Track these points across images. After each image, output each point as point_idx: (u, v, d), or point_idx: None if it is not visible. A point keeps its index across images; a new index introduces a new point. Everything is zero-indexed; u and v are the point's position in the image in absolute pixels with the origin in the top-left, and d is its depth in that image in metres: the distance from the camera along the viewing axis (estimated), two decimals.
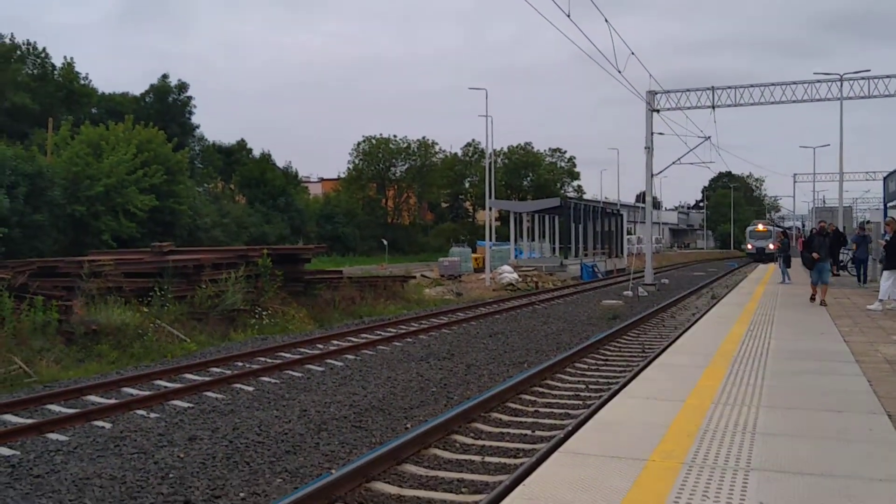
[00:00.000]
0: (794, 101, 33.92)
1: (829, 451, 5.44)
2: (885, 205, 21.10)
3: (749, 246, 70.16)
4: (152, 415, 10.29)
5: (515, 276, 35.17)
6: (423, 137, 78.22)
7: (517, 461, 7.91)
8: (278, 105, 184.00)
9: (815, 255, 17.00)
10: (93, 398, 11.24)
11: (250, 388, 11.94)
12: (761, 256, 62.08)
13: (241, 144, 69.28)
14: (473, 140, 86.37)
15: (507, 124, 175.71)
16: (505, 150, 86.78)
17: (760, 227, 70.98)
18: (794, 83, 34.03)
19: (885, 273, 16.05)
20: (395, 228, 74.04)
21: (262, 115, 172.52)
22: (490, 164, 41.96)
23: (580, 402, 10.66)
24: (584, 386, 11.85)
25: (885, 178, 21.20)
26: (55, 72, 51.94)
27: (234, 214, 51.96)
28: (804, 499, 4.47)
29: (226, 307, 18.41)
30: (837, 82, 33.19)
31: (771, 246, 60.49)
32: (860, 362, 9.24)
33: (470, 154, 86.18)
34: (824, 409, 6.72)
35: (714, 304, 19.38)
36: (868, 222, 32.12)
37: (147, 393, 11.46)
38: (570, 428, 8.42)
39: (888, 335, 11.89)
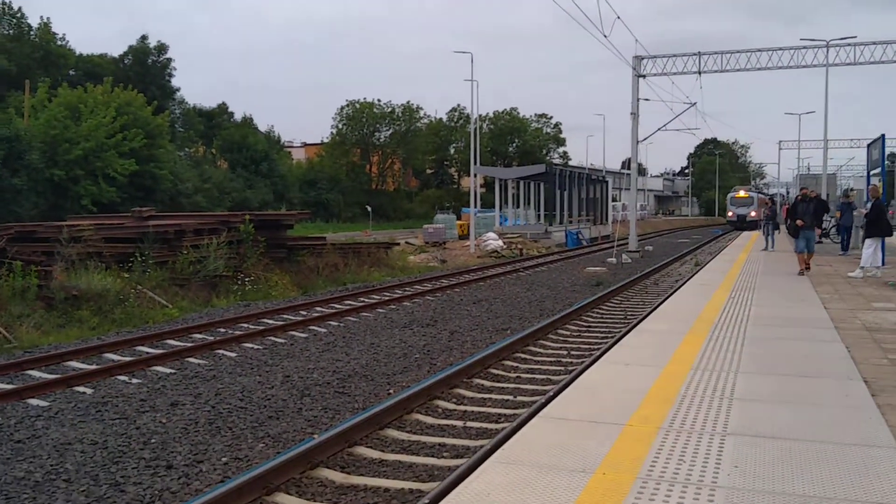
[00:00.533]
0: (780, 68, 33.84)
1: (804, 417, 5.50)
2: (868, 172, 21.20)
3: (730, 213, 63.62)
4: (134, 380, 10.27)
5: (500, 243, 35.21)
6: (408, 102, 77.75)
7: (498, 426, 7.97)
8: (259, 67, 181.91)
9: (799, 221, 16.51)
10: (74, 364, 11.20)
11: (233, 354, 11.93)
12: (742, 224, 58.00)
13: (223, 108, 68.61)
14: (459, 105, 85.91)
15: (492, 89, 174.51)
16: (490, 115, 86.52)
17: (742, 192, 64.29)
18: (781, 49, 33.94)
19: (867, 241, 16.15)
20: (379, 195, 73.81)
21: (244, 78, 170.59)
22: (475, 129, 41.75)
23: (562, 368, 10.74)
24: (566, 352, 11.93)
25: (868, 146, 21.28)
26: (31, 32, 50.99)
27: (216, 180, 51.59)
28: (778, 463, 4.53)
29: (208, 273, 18.33)
30: (823, 48, 33.15)
31: (753, 213, 57.45)
32: (839, 329, 9.34)
33: (455, 119, 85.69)
34: (802, 375, 6.80)
35: (697, 271, 19.49)
36: (852, 189, 32.33)
37: (129, 359, 11.43)
38: (551, 393, 8.48)
39: (868, 302, 12.01)
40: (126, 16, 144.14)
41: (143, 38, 55.72)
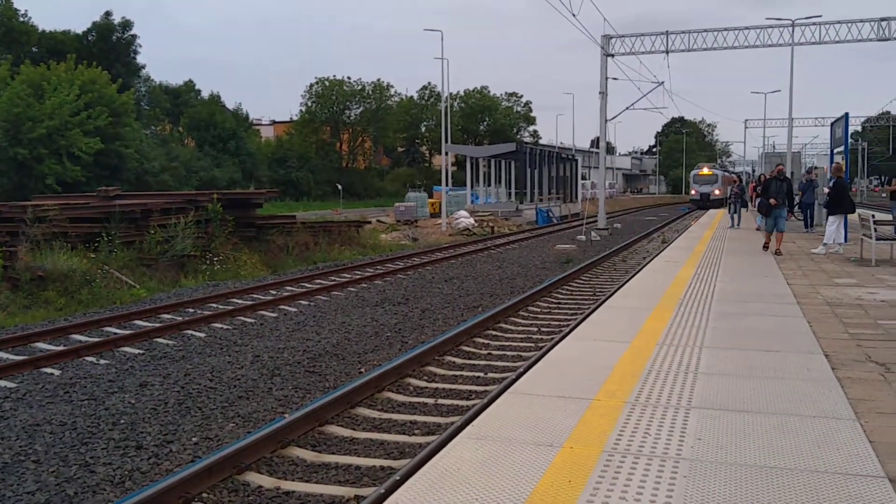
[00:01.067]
0: (746, 47, 34.16)
1: (767, 390, 5.63)
2: (831, 150, 21.49)
3: (693, 191, 60.99)
4: (102, 361, 10.20)
5: (471, 220, 35.28)
6: (378, 80, 77.13)
7: (469, 403, 8.05)
8: (226, 44, 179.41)
9: (772, 200, 15.95)
10: (40, 345, 11.09)
11: (202, 335, 11.87)
12: (706, 203, 55.89)
13: (189, 85, 67.64)
14: (429, 83, 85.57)
15: (463, 67, 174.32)
16: (461, 93, 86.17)
17: (705, 170, 61.49)
18: (747, 28, 34.22)
19: (831, 218, 16.43)
20: (350, 173, 73.39)
21: (210, 54, 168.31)
22: (446, 108, 41.64)
23: (532, 345, 10.84)
24: (536, 329, 12.03)
25: (832, 124, 21.53)
26: None
27: (183, 158, 50.98)
28: (741, 435, 4.65)
29: (175, 253, 18.18)
30: (789, 28, 33.45)
31: (717, 191, 56.24)
32: (801, 304, 9.53)
33: (426, 98, 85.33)
34: (765, 350, 6.94)
35: (664, 248, 19.71)
36: (815, 167, 32.79)
37: (96, 339, 11.33)
38: (521, 370, 8.56)
39: (830, 278, 12.25)
40: None
41: (107, 14, 54.62)
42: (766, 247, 16.66)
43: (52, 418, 7.77)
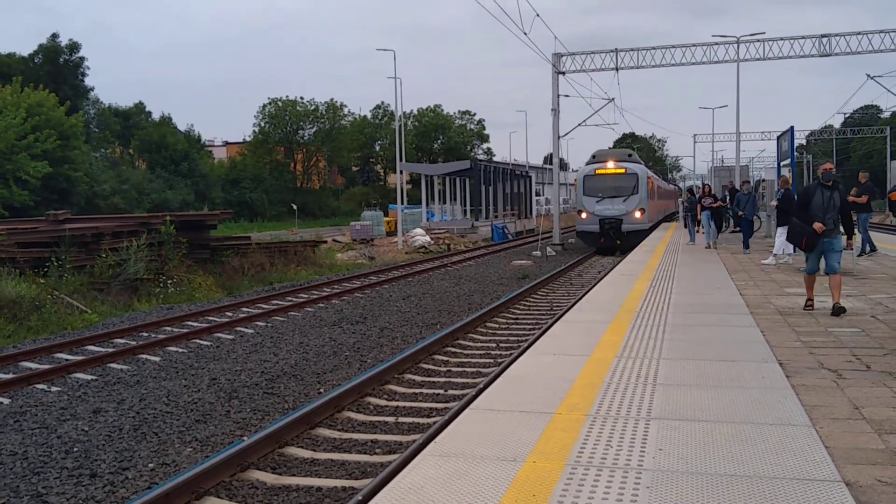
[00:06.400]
0: (693, 63, 34.82)
1: (724, 399, 5.71)
2: (778, 163, 22.01)
3: (582, 214, 30.94)
4: (53, 388, 9.93)
5: (427, 238, 35.31)
6: (332, 100, 77.18)
7: (430, 420, 8.02)
8: (177, 65, 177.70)
9: (817, 226, 9.62)
10: None
11: (156, 359, 11.65)
12: (610, 238, 29.77)
13: (140, 107, 66.80)
14: (383, 102, 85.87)
15: (416, 86, 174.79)
16: (415, 112, 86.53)
17: (611, 164, 30.89)
18: (694, 45, 34.92)
19: (779, 229, 16.79)
20: (304, 193, 73.06)
21: (161, 76, 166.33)
22: (400, 126, 41.72)
23: (491, 361, 10.85)
24: (494, 345, 12.06)
25: (778, 138, 22.08)
26: None
27: (134, 181, 50.22)
28: (701, 444, 4.70)
29: (128, 276, 17.84)
30: (734, 45, 34.28)
31: (637, 214, 29.83)
32: (754, 314, 9.71)
33: (380, 116, 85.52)
34: (720, 360, 7.05)
35: (619, 262, 19.95)
36: (763, 180, 33.50)
37: (47, 366, 11.03)
38: (481, 386, 8.57)
39: (781, 288, 12.51)
40: (36, 13, 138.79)
41: (54, 36, 53.77)
42: (810, 304, 10.11)
43: (2, 448, 7.54)
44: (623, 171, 30.51)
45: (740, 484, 4.05)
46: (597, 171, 30.67)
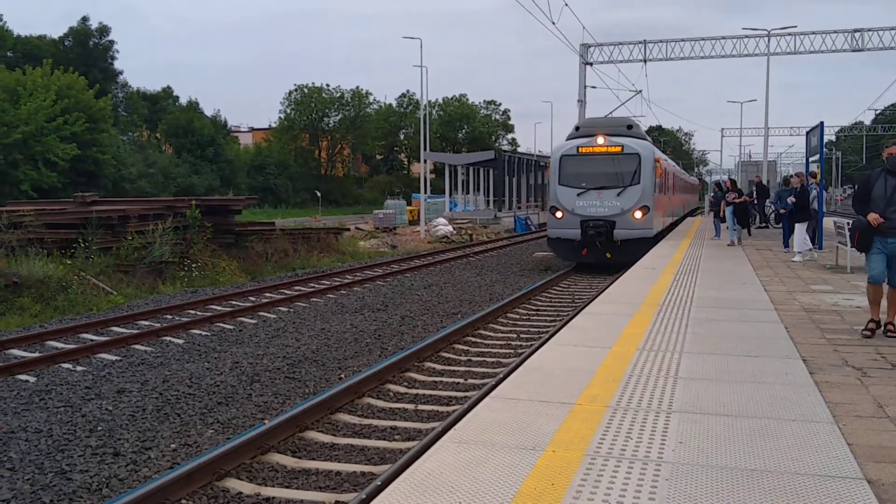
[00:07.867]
0: (723, 56, 34.52)
1: (746, 394, 5.67)
2: (807, 159, 21.74)
3: (557, 214, 20.94)
4: (78, 368, 10.08)
5: (450, 228, 35.31)
6: (357, 87, 77.23)
7: (450, 408, 8.04)
8: (205, 50, 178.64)
9: (872, 216, 7.71)
10: (15, 351, 10.94)
11: (180, 341, 11.77)
12: (596, 250, 20.42)
13: (167, 91, 67.30)
14: (408, 91, 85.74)
15: (442, 74, 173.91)
16: (440, 101, 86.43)
17: (600, 141, 20.77)
18: (724, 38, 34.58)
19: (797, 226, 16.62)
20: (328, 180, 73.29)
21: (189, 61, 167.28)
22: (425, 115, 41.70)
23: (511, 351, 10.85)
24: (515, 335, 12.05)
25: (807, 133, 21.78)
26: None
27: (161, 165, 50.67)
28: (721, 438, 4.67)
29: (153, 259, 18.03)
30: (765, 38, 33.86)
31: (637, 213, 20.45)
32: (779, 310, 9.61)
33: (405, 105, 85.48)
34: (743, 355, 6.99)
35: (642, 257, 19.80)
36: (792, 176, 33.14)
37: (72, 346, 11.20)
38: (501, 375, 8.58)
39: (806, 285, 12.38)
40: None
41: (84, 19, 54.28)
42: (871, 328, 7.96)
43: (28, 425, 7.66)
44: (619, 149, 20.77)
45: (760, 478, 4.03)
46: (580, 150, 20.97)
